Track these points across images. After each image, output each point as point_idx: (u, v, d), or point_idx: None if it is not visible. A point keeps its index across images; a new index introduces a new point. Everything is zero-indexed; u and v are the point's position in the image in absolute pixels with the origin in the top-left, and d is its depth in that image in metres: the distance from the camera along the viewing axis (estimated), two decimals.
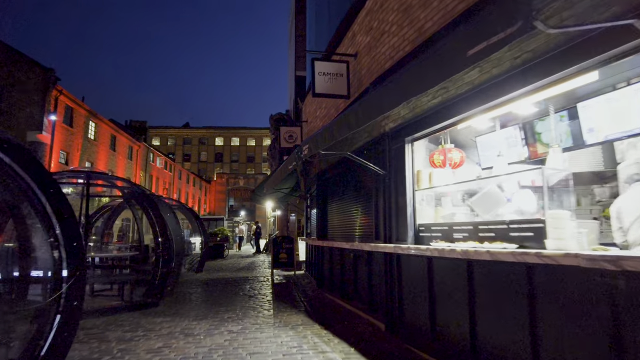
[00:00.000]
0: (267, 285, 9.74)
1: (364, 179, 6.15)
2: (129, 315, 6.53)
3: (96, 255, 7.82)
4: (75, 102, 23.01)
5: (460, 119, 4.34)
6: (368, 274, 5.76)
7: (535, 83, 3.35)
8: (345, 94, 6.32)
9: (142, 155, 35.21)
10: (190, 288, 9.50)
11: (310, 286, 9.38)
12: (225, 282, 10.56)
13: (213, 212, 58.59)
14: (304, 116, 10.75)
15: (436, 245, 4.10)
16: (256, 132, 76.18)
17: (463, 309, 3.75)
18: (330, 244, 7.42)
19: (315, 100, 9.33)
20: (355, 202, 6.59)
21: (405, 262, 4.75)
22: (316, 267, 9.17)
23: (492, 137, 4.99)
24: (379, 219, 5.49)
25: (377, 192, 5.58)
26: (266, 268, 14.38)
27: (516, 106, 3.88)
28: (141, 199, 7.61)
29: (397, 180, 5.08)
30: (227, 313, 6.55)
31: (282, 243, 11.77)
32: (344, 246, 6.43)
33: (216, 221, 29.59)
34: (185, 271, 13.05)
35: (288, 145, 10.10)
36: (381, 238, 5.37)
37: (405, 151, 4.95)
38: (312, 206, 11.02)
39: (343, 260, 6.97)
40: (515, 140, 4.87)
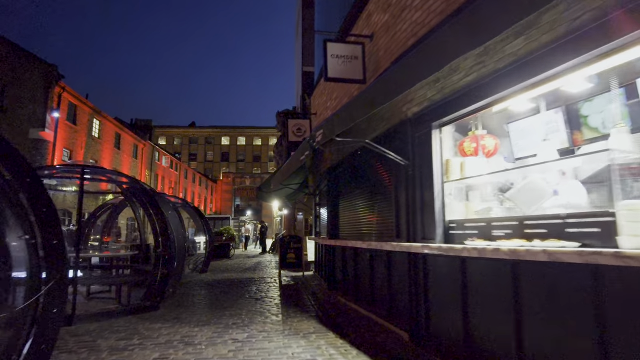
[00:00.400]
0: (275, 287, 9.20)
1: (381, 171, 5.57)
2: (125, 320, 6.01)
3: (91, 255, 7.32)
4: (78, 99, 22.63)
5: (497, 100, 3.76)
6: (387, 276, 5.19)
7: (592, 51, 2.77)
8: (361, 78, 5.75)
9: (147, 153, 34.86)
10: (193, 290, 8.98)
11: (320, 288, 8.82)
12: (231, 283, 10.04)
13: (219, 212, 58.28)
14: (312, 109, 10.18)
15: (474, 244, 3.52)
16: (262, 131, 75.83)
17: (506, 319, 3.17)
18: (342, 244, 6.85)
19: (325, 91, 8.77)
20: (371, 198, 6.02)
21: (433, 264, 4.17)
22: (327, 268, 8.61)
23: (529, 123, 4.39)
24: (400, 215, 4.91)
25: (397, 186, 5.00)
26: (273, 269, 13.85)
27: (562, 83, 3.31)
28: (140, 196, 7.10)
29: (422, 171, 4.50)
30: (232, 318, 6.01)
31: (290, 242, 11.22)
32: (359, 245, 5.86)
33: (222, 220, 29.15)
34: (189, 271, 12.56)
35: (296, 139, 9.54)
36: (403, 236, 4.79)
37: (432, 138, 4.37)
38: (321, 203, 10.45)
39: (357, 261, 6.40)
40: (556, 126, 4.28)
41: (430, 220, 4.26)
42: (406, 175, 4.75)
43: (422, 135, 4.52)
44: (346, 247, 6.87)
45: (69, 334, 5.24)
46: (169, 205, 8.36)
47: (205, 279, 10.91)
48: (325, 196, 9.03)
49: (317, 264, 11.15)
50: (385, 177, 5.43)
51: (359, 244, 5.84)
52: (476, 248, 3.35)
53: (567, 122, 4.15)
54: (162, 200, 8.25)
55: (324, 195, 9.39)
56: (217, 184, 62.77)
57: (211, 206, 60.69)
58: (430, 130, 4.40)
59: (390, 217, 5.24)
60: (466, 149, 4.43)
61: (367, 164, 6.02)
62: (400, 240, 4.80)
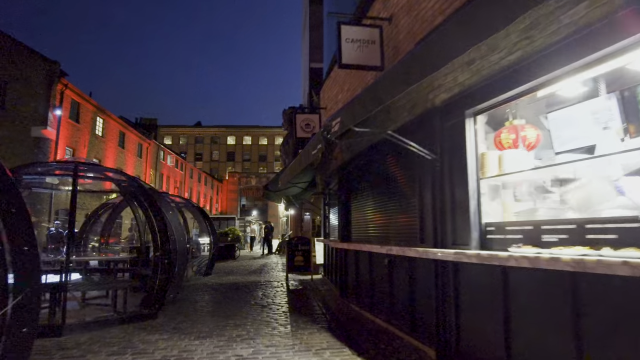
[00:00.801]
0: (282, 292, 8.66)
1: (402, 168, 5.02)
2: (120, 331, 5.50)
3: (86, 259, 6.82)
4: (81, 96, 22.27)
5: (544, 83, 3.22)
6: (409, 285, 4.63)
7: None
8: (378, 64, 5.20)
9: (152, 153, 34.51)
10: (196, 294, 8.47)
11: (331, 294, 8.27)
12: (236, 287, 9.52)
13: (225, 212, 57.96)
14: (322, 103, 9.64)
15: (521, 252, 2.95)
16: (268, 130, 75.49)
17: (562, 343, 2.62)
18: (356, 247, 6.30)
19: (336, 83, 8.22)
20: (389, 197, 5.46)
21: (467, 273, 3.61)
22: (338, 273, 8.06)
23: (575, 111, 3.82)
24: (425, 217, 4.35)
25: (422, 184, 4.44)
26: (279, 271, 13.32)
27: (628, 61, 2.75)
28: (138, 195, 6.60)
29: (452, 166, 3.94)
30: (236, 329, 5.48)
31: (298, 245, 10.68)
32: (376, 250, 5.30)
33: (227, 220, 28.70)
34: (193, 274, 12.06)
35: (305, 135, 9.00)
36: (428, 241, 4.23)
37: (466, 128, 3.80)
38: (331, 204, 9.91)
39: (373, 267, 5.84)
40: (609, 114, 3.70)
41: (464, 223, 3.70)
42: (433, 171, 4.19)
43: (453, 125, 3.96)
44: (360, 251, 6.31)
45: (57, 347, 4.75)
46: (170, 206, 7.86)
47: (209, 282, 10.40)
48: (336, 196, 8.48)
49: (326, 267, 10.60)
50: (406, 174, 4.87)
51: (375, 249, 5.28)
52: (526, 256, 2.78)
53: (623, 110, 3.57)
54: (162, 200, 7.74)
55: (335, 195, 8.85)
56: (222, 184, 62.47)
57: (217, 206, 60.37)
58: (463, 119, 3.84)
59: (413, 219, 4.68)
60: (503, 141, 3.86)
61: (385, 160, 5.46)
62: (426, 246, 4.24)
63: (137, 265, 8.43)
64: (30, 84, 19.31)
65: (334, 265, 8.77)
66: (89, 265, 7.95)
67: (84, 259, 6.85)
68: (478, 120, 3.83)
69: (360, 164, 6.57)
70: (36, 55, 19.58)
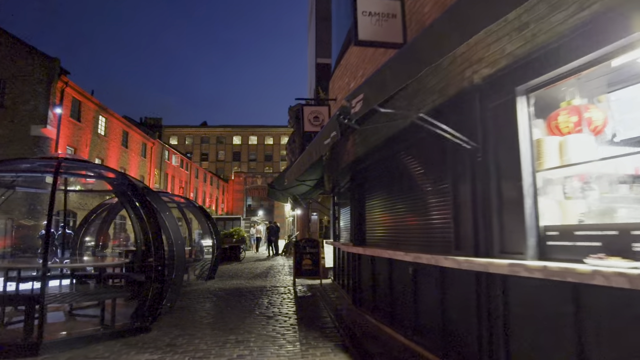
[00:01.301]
0: (289, 300, 7.96)
1: (430, 161, 4.29)
2: (106, 348, 4.84)
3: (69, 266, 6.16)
4: (83, 94, 21.74)
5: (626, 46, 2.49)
6: (440, 299, 3.90)
7: None
8: (400, 41, 4.48)
9: (156, 152, 34.00)
10: (196, 302, 7.80)
11: (343, 303, 7.55)
12: (239, 293, 8.84)
13: (231, 212, 57.52)
14: (331, 94, 8.93)
15: (608, 265, 2.22)
16: (274, 130, 74.95)
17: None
18: (373, 253, 5.57)
19: (348, 71, 7.51)
20: (413, 196, 4.73)
21: (522, 290, 2.87)
22: (350, 279, 7.34)
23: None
24: (461, 218, 3.62)
25: (457, 179, 3.71)
26: (286, 275, 12.63)
27: None
28: (129, 193, 5.93)
29: (498, 156, 3.21)
30: (238, 347, 4.78)
31: (306, 247, 9.98)
32: (399, 257, 4.57)
33: (232, 221, 28.09)
34: (195, 278, 11.41)
35: (313, 129, 8.30)
36: (466, 248, 3.50)
37: (517, 108, 3.07)
38: (341, 203, 9.20)
39: (394, 275, 5.12)
40: None
41: (516, 227, 2.97)
42: (472, 163, 3.46)
43: (500, 106, 3.23)
44: (378, 258, 5.59)
45: None
46: (166, 206, 7.19)
47: (211, 288, 9.73)
48: (348, 195, 7.76)
49: (336, 271, 9.88)
50: (436, 168, 4.14)
51: (398, 255, 4.55)
52: (623, 273, 2.05)
53: None
54: (158, 200, 7.08)
55: (346, 194, 8.13)
56: (228, 184, 62.01)
57: (223, 206, 59.90)
58: (512, 98, 3.10)
59: (445, 221, 3.95)
60: (562, 124, 3.13)
61: (409, 152, 4.73)
62: (463, 254, 3.51)
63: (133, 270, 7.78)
64: (30, 82, 18.80)
65: (346, 270, 8.05)
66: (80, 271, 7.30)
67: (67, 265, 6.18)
68: (532, 98, 3.09)
69: (377, 158, 5.84)
70: (36, 53, 19.06)
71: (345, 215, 8.66)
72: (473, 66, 3.50)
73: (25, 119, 18.52)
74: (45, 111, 18.71)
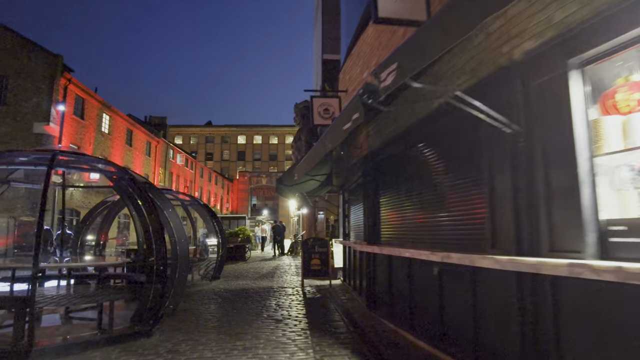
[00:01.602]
0: (299, 302, 7.56)
1: (460, 149, 3.88)
2: (103, 355, 4.47)
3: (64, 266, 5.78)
4: (86, 92, 21.47)
5: None
6: (472, 304, 3.49)
7: None
8: (423, 18, 4.06)
9: (161, 151, 33.75)
10: (201, 304, 7.42)
11: (355, 305, 7.14)
12: (246, 294, 8.45)
13: (236, 211, 57.29)
14: (342, 85, 8.51)
15: None
16: (278, 129, 74.76)
17: None
18: (391, 252, 5.16)
19: (361, 59, 7.10)
20: (437, 189, 4.32)
21: (579, 294, 2.46)
22: (364, 280, 6.94)
23: None
24: (499, 212, 3.21)
25: (494, 167, 3.29)
26: (293, 275, 12.24)
27: None
28: (129, 189, 5.56)
29: (546, 140, 2.80)
30: (246, 354, 4.39)
31: (314, 246, 9.58)
32: (423, 257, 4.16)
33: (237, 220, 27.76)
34: (199, 278, 11.05)
35: (323, 122, 7.89)
36: (506, 245, 3.08)
37: (569, 85, 2.66)
38: (352, 200, 8.80)
39: (415, 277, 4.71)
40: None
41: (571, 221, 2.55)
42: (513, 150, 3.04)
43: (546, 84, 2.82)
44: (396, 258, 5.17)
45: None
46: (170, 203, 6.82)
47: (216, 289, 9.36)
48: (360, 191, 7.36)
49: (346, 271, 9.48)
50: (468, 157, 3.72)
51: (422, 255, 4.14)
52: None
53: None
54: (161, 196, 6.71)
55: (357, 190, 7.73)
56: (233, 184, 61.80)
57: (227, 205, 59.71)
58: (563, 73, 2.69)
59: (477, 216, 3.54)
60: (621, 103, 2.71)
61: (433, 140, 4.32)
62: (501, 252, 3.09)
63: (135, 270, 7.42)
64: (32, 79, 18.55)
65: (358, 271, 7.65)
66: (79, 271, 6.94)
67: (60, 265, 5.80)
68: (587, 73, 2.68)
69: (395, 150, 5.43)
70: (38, 49, 18.80)
71: (357, 213, 8.26)
72: (512, 40, 3.08)
73: (27, 117, 18.26)
74: (48, 108, 18.45)
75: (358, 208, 7.92)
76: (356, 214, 8.28)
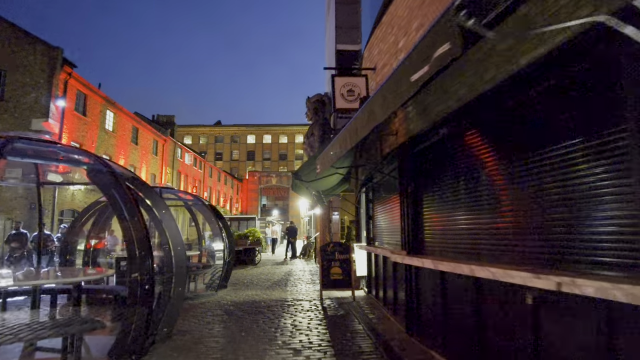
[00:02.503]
0: (319, 321, 6.30)
1: (585, 111, 2.57)
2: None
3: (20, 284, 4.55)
4: (88, 87, 20.48)
5: None
6: (603, 353, 2.18)
7: None
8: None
9: (168, 150, 32.77)
10: (203, 323, 6.21)
11: (389, 327, 5.86)
12: (256, 310, 7.22)
13: (245, 212, 56.32)
14: (367, 63, 7.21)
15: None
16: (288, 128, 73.72)
17: None
18: (448, 268, 3.84)
19: (395, 27, 5.81)
20: (533, 178, 3.01)
21: None
22: (400, 296, 5.66)
23: None
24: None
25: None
26: (309, 283, 10.98)
27: None
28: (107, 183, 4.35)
29: None
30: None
31: (335, 253, 8.31)
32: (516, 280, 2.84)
33: (247, 221, 26.59)
34: (204, 287, 9.85)
35: (347, 106, 6.62)
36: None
37: None
38: (379, 198, 7.51)
39: (488, 303, 3.40)
40: None
41: None
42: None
43: None
44: (454, 275, 3.86)
45: None
46: (162, 202, 5.61)
47: (222, 301, 8.15)
48: (393, 187, 6.08)
49: (371, 281, 8.19)
50: (599, 124, 2.41)
51: (514, 277, 2.82)
52: None
53: None
54: (151, 195, 5.52)
55: (390, 186, 6.44)
56: (242, 184, 60.84)
57: (237, 206, 58.74)
58: None
59: (617, 214, 2.24)
60: None
61: (539, 101, 3.01)
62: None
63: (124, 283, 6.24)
64: (30, 73, 17.58)
65: (390, 284, 6.36)
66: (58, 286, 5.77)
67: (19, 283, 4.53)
68: None
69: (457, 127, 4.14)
70: (37, 41, 17.83)
71: (385, 214, 6.97)
72: None
73: (26, 112, 17.30)
74: (47, 104, 17.46)
75: (389, 208, 6.64)
76: (385, 215, 7.00)
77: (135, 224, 4.19)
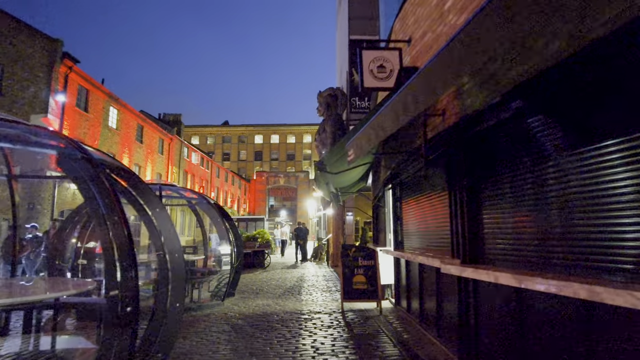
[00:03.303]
0: (344, 341, 5.26)
1: None
2: None
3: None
4: (90, 82, 19.65)
5: None
6: None
7: None
8: None
9: (174, 149, 31.95)
10: (206, 343, 5.20)
11: (433, 352, 4.81)
12: (268, 324, 6.21)
13: (253, 212, 55.50)
14: (398, 35, 6.14)
15: None
16: (296, 128, 72.87)
17: None
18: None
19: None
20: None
21: None
22: (447, 314, 4.60)
23: None
24: None
25: None
26: (324, 291, 9.95)
27: None
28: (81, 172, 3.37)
29: None
30: None
31: (358, 258, 7.27)
32: None
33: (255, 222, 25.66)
34: (209, 296, 8.86)
35: (378, 84, 5.58)
36: None
37: None
38: (411, 195, 6.45)
39: (598, 333, 2.34)
40: None
41: None
42: None
43: None
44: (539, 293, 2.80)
45: None
46: (156, 199, 4.61)
47: (229, 313, 7.15)
48: (437, 180, 5.04)
49: (400, 290, 7.14)
50: None
51: None
52: None
53: None
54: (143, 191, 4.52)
55: (430, 180, 5.40)
56: (250, 184, 60.01)
57: (245, 206, 57.91)
58: None
59: None
60: None
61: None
62: None
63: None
64: (29, 66, 16.77)
65: (434, 297, 5.31)
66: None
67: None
68: None
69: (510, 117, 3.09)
70: (36, 33, 17.02)
71: (420, 214, 5.93)
72: None
73: (24, 107, 16.49)
74: (47, 98, 16.65)
75: (428, 207, 5.59)
76: (422, 215, 5.95)
77: (116, 225, 3.19)
